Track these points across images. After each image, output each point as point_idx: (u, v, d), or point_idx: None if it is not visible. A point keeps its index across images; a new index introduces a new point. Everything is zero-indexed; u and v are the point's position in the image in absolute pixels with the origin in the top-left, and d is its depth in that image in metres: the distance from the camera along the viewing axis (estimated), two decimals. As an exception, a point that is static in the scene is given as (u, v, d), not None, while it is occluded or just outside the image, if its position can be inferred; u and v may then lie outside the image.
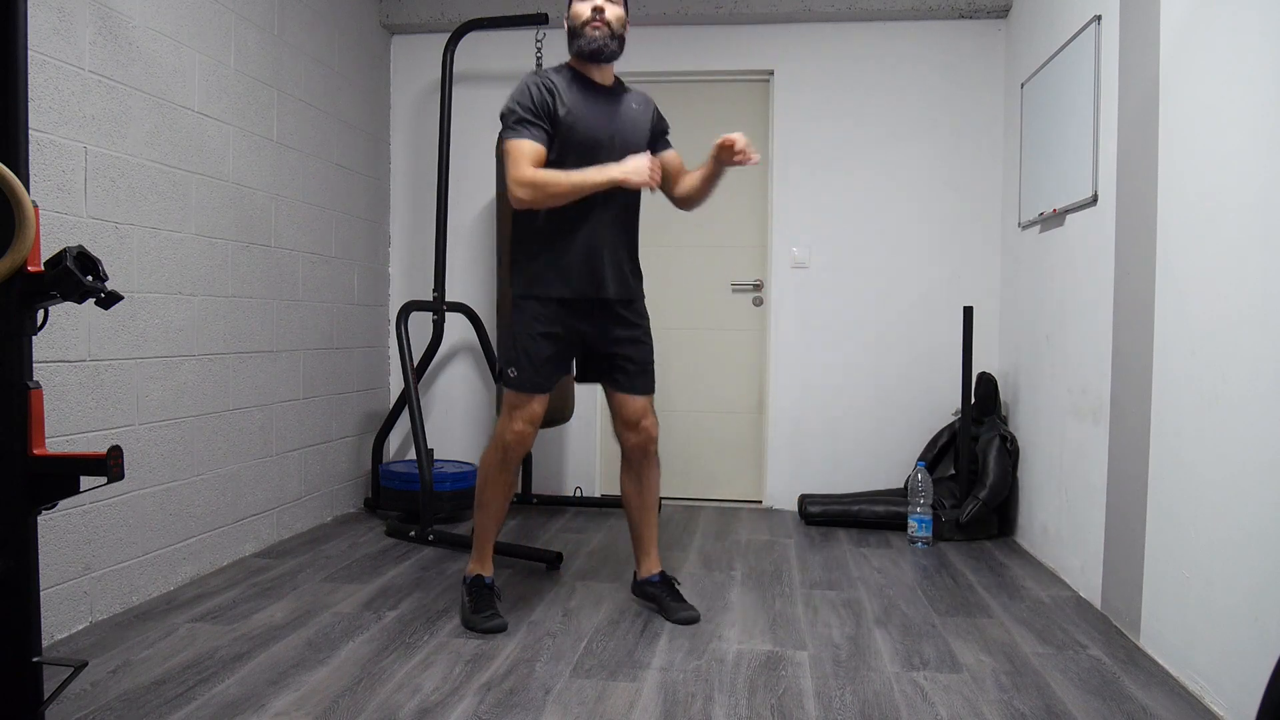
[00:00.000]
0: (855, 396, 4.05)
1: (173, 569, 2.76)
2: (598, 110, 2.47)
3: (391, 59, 4.30)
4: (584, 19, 2.42)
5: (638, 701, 1.98)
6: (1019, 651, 2.31)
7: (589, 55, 2.45)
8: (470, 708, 1.93)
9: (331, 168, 3.73)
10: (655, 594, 2.60)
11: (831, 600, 2.74)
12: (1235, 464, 1.92)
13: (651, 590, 2.62)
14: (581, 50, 2.45)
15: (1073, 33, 2.96)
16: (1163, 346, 2.28)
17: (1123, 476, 2.51)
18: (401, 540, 3.40)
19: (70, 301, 1.55)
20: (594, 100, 2.48)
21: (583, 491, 4.19)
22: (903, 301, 4.02)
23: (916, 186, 4.01)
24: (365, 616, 2.52)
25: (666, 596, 2.58)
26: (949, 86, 3.98)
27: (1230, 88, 1.99)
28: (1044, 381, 3.26)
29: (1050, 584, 2.93)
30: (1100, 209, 2.73)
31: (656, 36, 4.10)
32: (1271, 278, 1.80)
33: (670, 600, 2.56)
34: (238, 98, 3.08)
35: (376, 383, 4.20)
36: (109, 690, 1.99)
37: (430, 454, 3.51)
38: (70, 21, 2.33)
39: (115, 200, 2.51)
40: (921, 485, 3.41)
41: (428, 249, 4.24)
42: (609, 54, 2.46)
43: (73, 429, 2.35)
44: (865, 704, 1.98)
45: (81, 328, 2.38)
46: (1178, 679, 2.13)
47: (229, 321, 3.04)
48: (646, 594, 2.64)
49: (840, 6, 3.94)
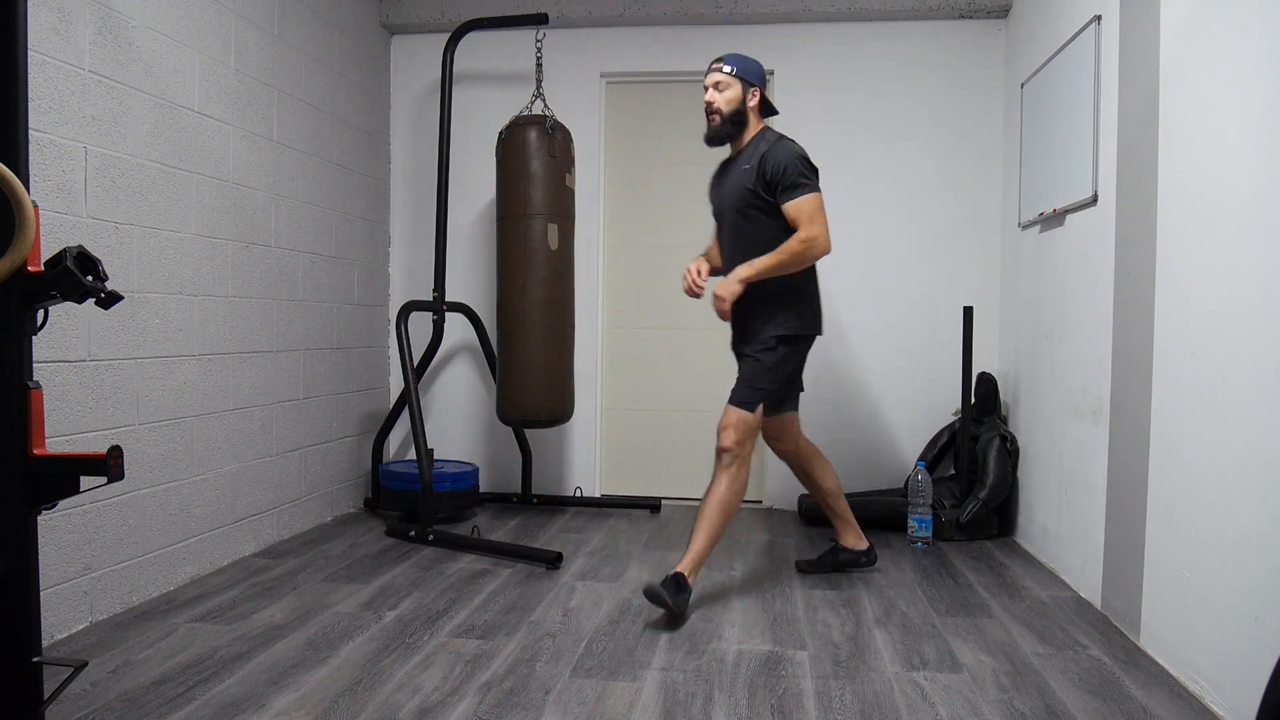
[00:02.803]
0: (855, 396, 4.05)
1: (173, 569, 2.76)
2: (720, 181, 2.84)
3: (391, 59, 4.30)
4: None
5: (638, 701, 1.98)
6: (1019, 651, 2.31)
7: (707, 143, 2.81)
8: (470, 708, 1.93)
9: (331, 168, 3.73)
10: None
11: (831, 600, 2.74)
12: (1235, 464, 1.92)
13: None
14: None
15: (1073, 33, 2.96)
16: (1163, 346, 2.28)
17: (1123, 476, 2.51)
18: (401, 540, 3.40)
19: (70, 301, 1.55)
20: (723, 172, 2.85)
21: (583, 491, 4.19)
22: (903, 301, 4.02)
23: (916, 186, 4.01)
24: (365, 616, 2.52)
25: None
26: (949, 86, 3.98)
27: (1230, 88, 1.99)
28: (1044, 381, 3.26)
29: (1050, 584, 2.93)
30: (1100, 209, 2.73)
31: (657, 36, 4.10)
32: (1271, 278, 1.80)
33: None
34: (238, 98, 3.08)
35: (376, 383, 4.20)
36: (109, 690, 1.99)
37: (430, 454, 3.51)
38: (70, 21, 2.33)
39: (115, 200, 2.51)
40: (921, 485, 3.41)
41: (428, 249, 4.25)
42: (721, 138, 2.77)
43: (73, 429, 2.35)
44: (865, 704, 1.98)
45: (81, 328, 2.38)
46: (1178, 679, 2.13)
47: (229, 321, 3.04)
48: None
49: (840, 6, 3.94)
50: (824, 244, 2.59)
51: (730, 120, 2.72)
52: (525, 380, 3.49)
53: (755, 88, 2.74)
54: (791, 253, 2.58)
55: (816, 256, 2.63)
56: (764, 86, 2.78)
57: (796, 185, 2.59)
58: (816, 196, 2.60)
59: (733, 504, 2.65)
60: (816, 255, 2.62)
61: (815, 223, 2.58)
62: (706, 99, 2.73)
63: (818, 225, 2.58)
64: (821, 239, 2.59)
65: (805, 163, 2.64)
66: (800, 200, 2.58)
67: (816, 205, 2.59)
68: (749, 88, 2.72)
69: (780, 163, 2.60)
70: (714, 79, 2.72)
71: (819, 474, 3.02)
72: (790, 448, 2.99)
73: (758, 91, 2.74)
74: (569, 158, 3.62)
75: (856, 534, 3.02)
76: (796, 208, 2.59)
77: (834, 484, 3.03)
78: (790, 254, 2.58)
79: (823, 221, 2.59)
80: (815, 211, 2.58)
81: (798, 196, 2.59)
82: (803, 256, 2.60)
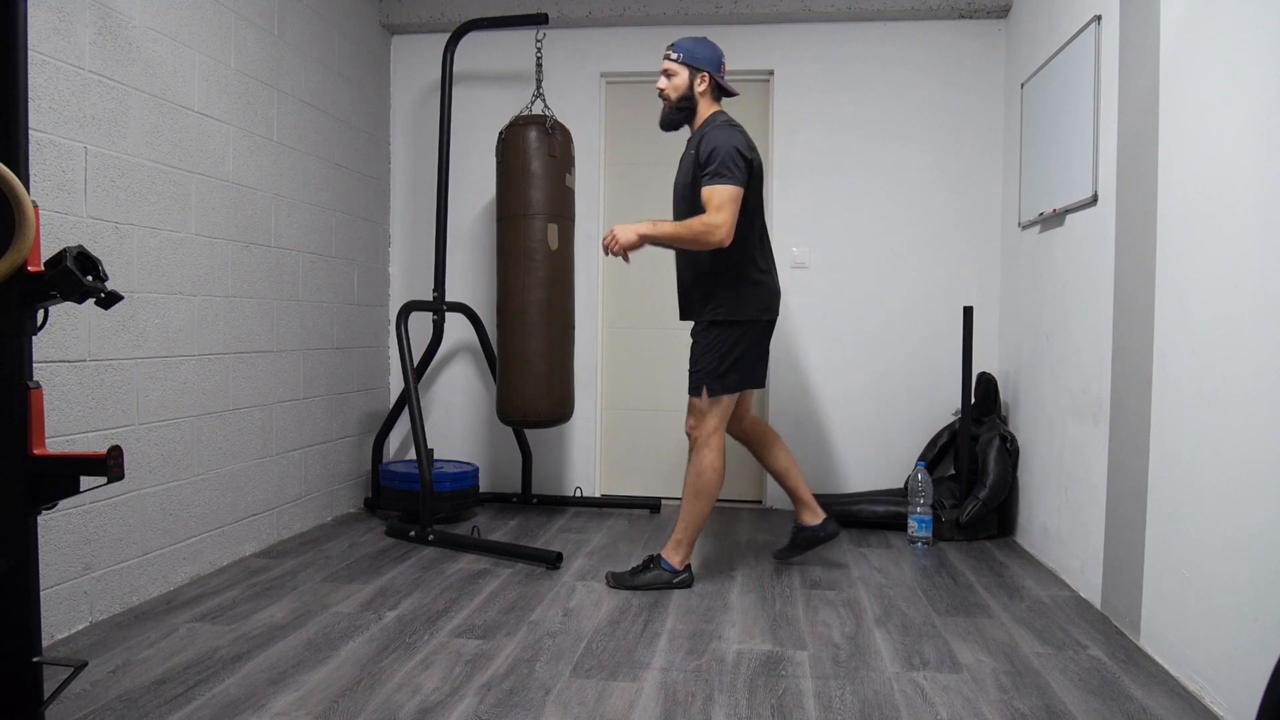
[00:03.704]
0: (855, 396, 4.05)
1: (173, 569, 2.76)
2: (678, 169, 2.88)
3: (391, 59, 4.30)
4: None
5: (638, 701, 1.98)
6: (1019, 651, 2.31)
7: (661, 128, 2.89)
8: (470, 708, 1.93)
9: (331, 168, 3.73)
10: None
11: (831, 600, 2.74)
12: (1235, 464, 1.92)
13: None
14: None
15: (1073, 33, 2.96)
16: (1163, 346, 2.28)
17: (1123, 476, 2.51)
18: (401, 540, 3.40)
19: (70, 301, 1.55)
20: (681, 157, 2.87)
21: (583, 491, 4.19)
22: (903, 301, 4.02)
23: (917, 186, 4.01)
24: (365, 616, 2.52)
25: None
26: (949, 86, 3.98)
27: (1230, 87, 1.99)
28: (1044, 381, 3.26)
29: (1050, 584, 2.93)
30: (1100, 209, 2.73)
31: (657, 36, 4.09)
32: (1271, 278, 1.80)
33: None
34: (238, 98, 3.08)
35: (376, 383, 4.20)
36: (109, 690, 1.99)
37: (430, 454, 3.51)
38: (70, 21, 2.33)
39: (115, 200, 2.51)
40: (921, 485, 3.41)
41: (428, 249, 4.25)
42: (672, 124, 2.85)
43: (73, 429, 2.35)
44: (865, 704, 1.98)
45: (81, 328, 2.38)
46: (1178, 679, 2.13)
47: (229, 321, 3.04)
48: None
49: (840, 6, 3.94)
50: (723, 235, 2.62)
51: (677, 107, 2.80)
52: (525, 380, 3.49)
53: (704, 73, 2.77)
54: (691, 230, 2.63)
55: (712, 244, 2.64)
56: (716, 71, 2.79)
57: (717, 173, 2.63)
58: (731, 189, 2.62)
59: (702, 486, 2.77)
60: (712, 243, 2.63)
61: (722, 211, 2.61)
62: (657, 86, 2.83)
63: (723, 215, 2.61)
64: (723, 229, 2.61)
65: (737, 153, 2.65)
66: (715, 187, 2.63)
67: (728, 196, 2.62)
68: (696, 73, 2.77)
69: (711, 148, 2.65)
70: (664, 65, 2.82)
71: (770, 454, 3.09)
72: (737, 430, 3.07)
73: (706, 76, 2.78)
74: (569, 158, 3.62)
75: (812, 510, 3.08)
76: (710, 193, 2.64)
77: (785, 463, 3.08)
78: (690, 231, 2.64)
79: (730, 212, 2.62)
80: (725, 201, 2.62)
81: (714, 184, 2.63)
82: (699, 238, 2.63)
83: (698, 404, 2.78)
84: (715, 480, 2.77)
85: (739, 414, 3.02)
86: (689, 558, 2.86)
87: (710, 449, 2.77)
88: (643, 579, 2.80)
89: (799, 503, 3.08)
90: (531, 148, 3.49)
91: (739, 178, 2.63)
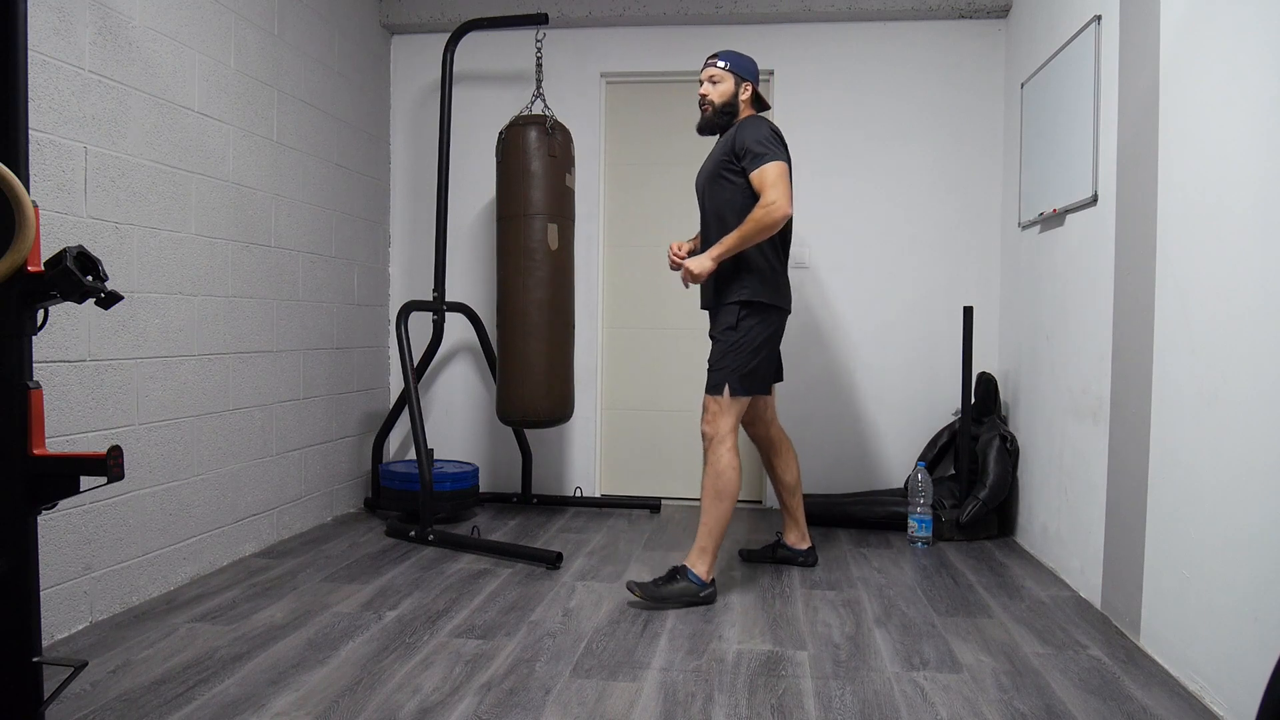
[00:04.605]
0: (855, 396, 4.05)
1: (173, 569, 2.76)
2: (703, 167, 2.91)
3: (391, 59, 4.30)
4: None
5: (638, 701, 1.98)
6: (1019, 651, 2.31)
7: (699, 132, 2.92)
8: (470, 708, 1.93)
9: (331, 168, 3.73)
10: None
11: (831, 600, 2.74)
12: (1235, 464, 1.92)
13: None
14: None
15: (1073, 33, 2.96)
16: (1163, 346, 2.28)
17: (1123, 476, 2.51)
18: (401, 540, 3.40)
19: (70, 301, 1.55)
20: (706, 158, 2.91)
21: (583, 491, 4.19)
22: (903, 301, 4.02)
23: (917, 186, 4.01)
24: (365, 616, 2.52)
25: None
26: (949, 86, 3.98)
27: (1230, 87, 1.99)
28: (1044, 381, 3.26)
29: (1050, 584, 2.93)
30: (1100, 209, 2.73)
31: (657, 36, 4.10)
32: (1271, 278, 1.80)
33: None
34: (238, 98, 3.08)
35: (376, 383, 4.20)
36: (109, 690, 1.99)
37: (430, 454, 3.51)
38: (70, 21, 2.33)
39: (115, 200, 2.51)
40: (921, 485, 3.41)
41: (428, 249, 4.25)
42: (713, 128, 2.89)
43: (73, 429, 2.35)
44: (865, 704, 1.98)
45: (81, 328, 2.38)
46: (1178, 679, 2.13)
47: (229, 321, 3.04)
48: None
49: (840, 6, 3.94)
50: (782, 209, 2.63)
51: (721, 111, 2.85)
52: (525, 380, 3.49)
53: (748, 82, 2.86)
54: (755, 220, 2.64)
55: (778, 220, 2.65)
56: (757, 83, 2.89)
57: (760, 154, 2.66)
58: (778, 164, 2.65)
59: (722, 487, 2.71)
60: (778, 219, 2.64)
61: (775, 188, 2.63)
62: (701, 91, 2.87)
63: (777, 190, 2.63)
64: (779, 203, 2.62)
65: (774, 134, 2.71)
66: (764, 167, 2.65)
67: (779, 172, 2.65)
68: (741, 82, 2.85)
69: (748, 134, 2.70)
70: (709, 73, 2.86)
71: (782, 466, 3.10)
72: (763, 432, 3.06)
73: (750, 86, 2.86)
74: (569, 158, 3.62)
75: (801, 534, 3.12)
76: (760, 175, 2.66)
77: (794, 479, 3.10)
78: (754, 222, 2.64)
79: (784, 188, 2.64)
80: (777, 178, 2.64)
81: (761, 164, 2.65)
82: (765, 222, 2.63)
83: (716, 403, 2.73)
84: (735, 479, 2.71)
85: (766, 418, 3.03)
86: (714, 568, 2.75)
87: (726, 448, 2.72)
88: (670, 590, 2.66)
89: (792, 521, 3.11)
90: (531, 148, 3.49)
91: (781, 155, 2.68)
